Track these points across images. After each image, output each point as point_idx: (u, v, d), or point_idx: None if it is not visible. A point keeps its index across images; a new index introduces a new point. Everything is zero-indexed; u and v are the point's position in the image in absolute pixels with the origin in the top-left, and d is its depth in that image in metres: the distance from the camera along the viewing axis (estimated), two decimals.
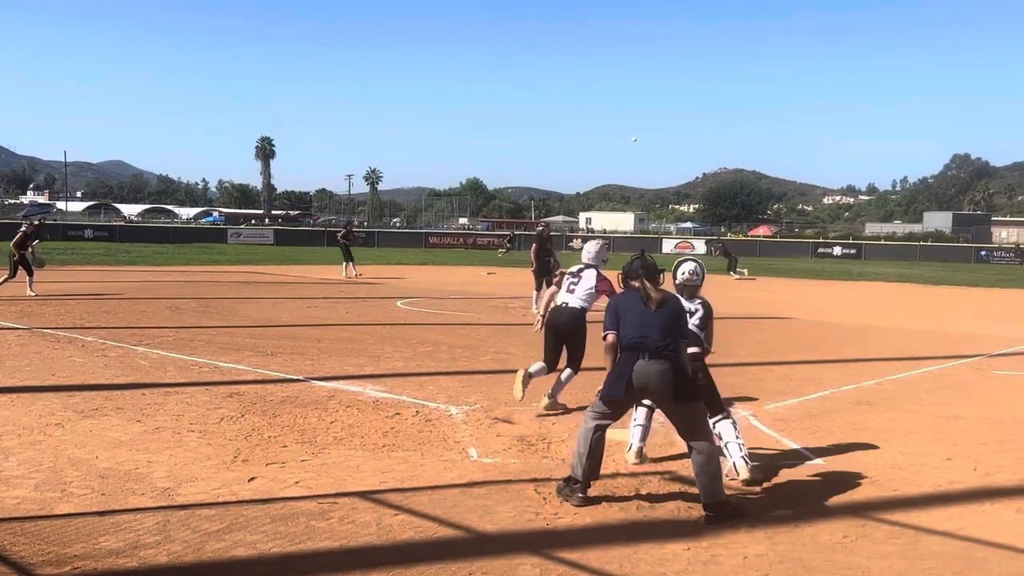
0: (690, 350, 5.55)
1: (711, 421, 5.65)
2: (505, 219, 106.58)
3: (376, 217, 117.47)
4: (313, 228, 70.24)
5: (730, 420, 5.94)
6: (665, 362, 5.08)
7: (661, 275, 5.48)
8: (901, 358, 11.36)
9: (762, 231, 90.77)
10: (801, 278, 32.57)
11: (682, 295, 6.04)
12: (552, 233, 17.65)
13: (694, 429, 5.17)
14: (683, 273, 6.25)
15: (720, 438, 5.75)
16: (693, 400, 5.22)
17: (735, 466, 5.73)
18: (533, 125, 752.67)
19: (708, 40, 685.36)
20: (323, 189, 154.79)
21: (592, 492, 5.31)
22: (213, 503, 5.02)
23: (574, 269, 7.93)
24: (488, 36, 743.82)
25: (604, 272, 7.71)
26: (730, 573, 4.25)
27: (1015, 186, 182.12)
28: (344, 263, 25.51)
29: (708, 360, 6.08)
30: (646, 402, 6.01)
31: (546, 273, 16.02)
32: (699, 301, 6.20)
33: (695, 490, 5.25)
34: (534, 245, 17.42)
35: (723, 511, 4.99)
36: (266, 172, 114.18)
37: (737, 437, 5.83)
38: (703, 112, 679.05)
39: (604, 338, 5.36)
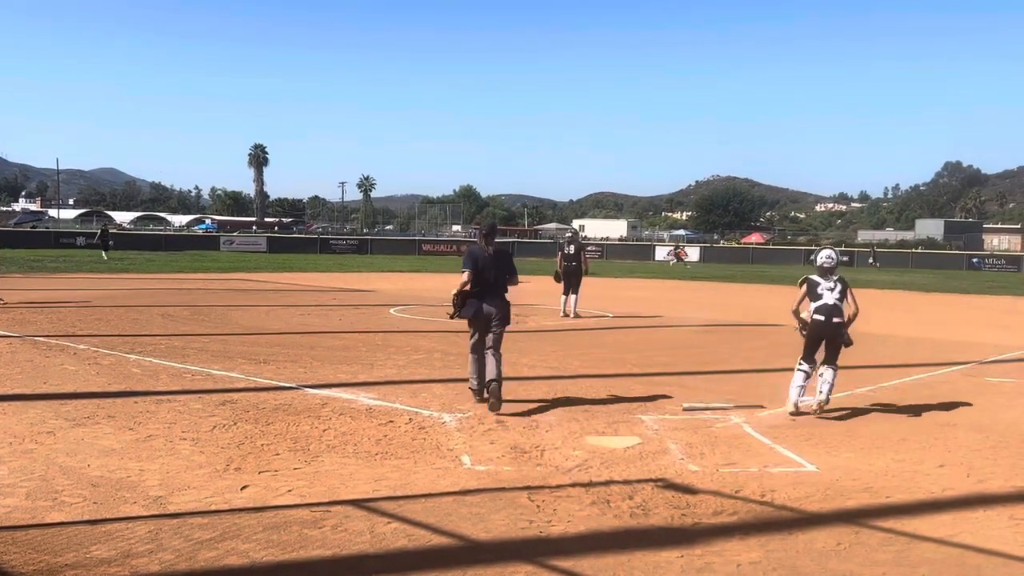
0: (833, 319, 7.96)
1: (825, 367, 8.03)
2: (499, 226, 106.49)
3: (369, 224, 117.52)
4: (306, 235, 70.22)
5: (831, 370, 7.99)
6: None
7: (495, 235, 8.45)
8: (894, 365, 11.38)
9: (755, 238, 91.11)
10: (793, 285, 32.63)
11: (822, 275, 8.20)
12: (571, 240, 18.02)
13: (498, 350, 8.14)
14: (821, 257, 8.40)
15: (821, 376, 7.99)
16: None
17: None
18: (526, 132, 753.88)
19: (701, 47, 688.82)
20: (316, 196, 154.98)
21: (587, 499, 5.37)
22: (205, 511, 5.00)
23: None
24: (482, 44, 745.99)
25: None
26: None
27: (1006, 193, 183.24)
28: None
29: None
30: (804, 367, 8.13)
31: (572, 277, 16.94)
32: (835, 278, 8.13)
33: (689, 497, 5.41)
34: (564, 252, 17.52)
35: (494, 389, 7.74)
36: (259, 179, 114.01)
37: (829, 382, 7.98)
38: (696, 120, 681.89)
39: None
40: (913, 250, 60.31)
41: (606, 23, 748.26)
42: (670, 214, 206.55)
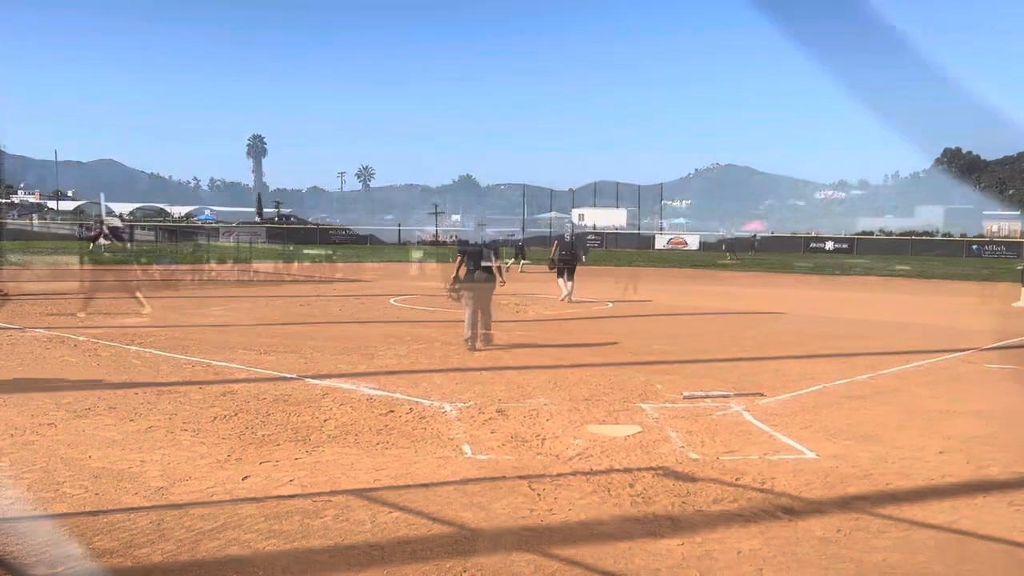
0: None
1: None
2: (497, 215, 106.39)
3: (369, 214, 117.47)
4: (306, 226, 70.11)
5: None
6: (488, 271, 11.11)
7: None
8: (893, 352, 11.39)
9: (755, 226, 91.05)
10: (793, 273, 32.66)
11: None
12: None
13: (488, 308, 11.14)
14: None
15: None
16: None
17: None
18: (525, 122, 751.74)
19: (700, 37, 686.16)
20: (315, 187, 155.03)
21: (587, 488, 5.39)
22: (207, 502, 5.01)
23: None
24: (480, 33, 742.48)
25: None
26: (724, 568, 4.26)
27: (1006, 180, 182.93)
28: (518, 262, 29.24)
29: None
30: None
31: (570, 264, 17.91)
32: None
33: (689, 485, 5.44)
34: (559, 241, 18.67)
35: (484, 335, 11.04)
36: (258, 170, 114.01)
37: None
38: (695, 108, 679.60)
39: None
40: (912, 236, 60.24)
41: (606, 13, 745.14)
42: (670, 202, 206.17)
